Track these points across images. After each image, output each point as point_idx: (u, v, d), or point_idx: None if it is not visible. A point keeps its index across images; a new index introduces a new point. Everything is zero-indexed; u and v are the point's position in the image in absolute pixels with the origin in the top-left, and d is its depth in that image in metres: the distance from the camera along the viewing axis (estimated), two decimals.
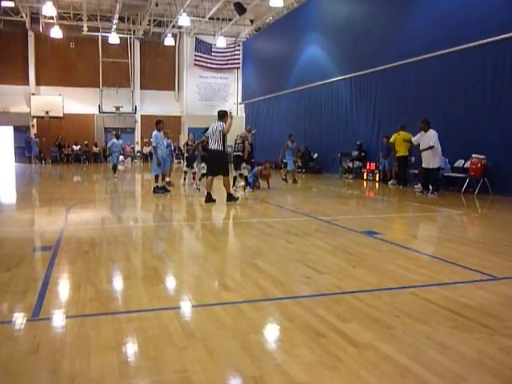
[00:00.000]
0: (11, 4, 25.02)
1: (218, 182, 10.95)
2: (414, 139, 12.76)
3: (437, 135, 12.03)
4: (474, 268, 5.09)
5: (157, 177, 12.51)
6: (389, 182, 15.55)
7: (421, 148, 12.32)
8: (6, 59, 28.79)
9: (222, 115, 10.40)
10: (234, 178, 13.30)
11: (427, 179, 12.44)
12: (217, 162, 10.37)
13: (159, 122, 12.51)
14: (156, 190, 12.27)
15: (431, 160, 12.11)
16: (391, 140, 14.69)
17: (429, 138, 12.09)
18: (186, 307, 3.95)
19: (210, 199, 10.42)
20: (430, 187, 12.39)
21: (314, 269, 5.04)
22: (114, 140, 18.12)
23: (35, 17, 28.19)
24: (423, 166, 12.39)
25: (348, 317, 3.63)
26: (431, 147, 11.96)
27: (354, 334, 3.30)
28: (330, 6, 20.59)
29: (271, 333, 3.45)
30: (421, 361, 2.92)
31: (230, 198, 10.48)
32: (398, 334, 3.33)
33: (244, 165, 13.20)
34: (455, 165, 13.19)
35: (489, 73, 12.53)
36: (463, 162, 12.97)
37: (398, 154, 14.50)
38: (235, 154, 13.25)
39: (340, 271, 5.00)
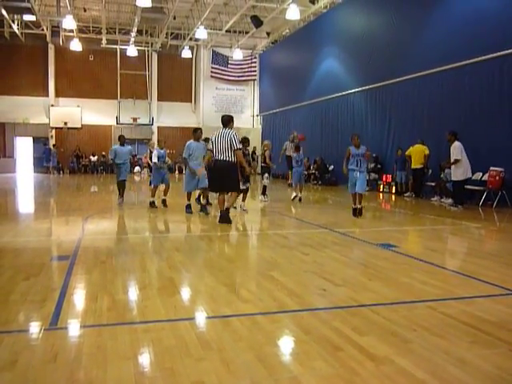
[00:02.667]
0: (33, 17, 25.50)
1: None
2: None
3: (461, 147, 11.95)
4: (493, 282, 5.03)
5: (189, 194, 10.74)
6: (405, 195, 15.47)
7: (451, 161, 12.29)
8: (26, 71, 29.31)
9: (227, 121, 9.16)
10: (264, 187, 13.52)
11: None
12: (226, 176, 9.05)
13: (196, 131, 10.78)
14: (187, 209, 10.63)
15: (454, 172, 12.15)
16: (407, 153, 14.82)
17: (453, 150, 12.07)
18: (202, 318, 3.96)
19: (227, 219, 9.09)
20: (449, 199, 12.31)
21: (330, 281, 5.02)
22: (117, 146, 12.64)
23: (56, 30, 28.67)
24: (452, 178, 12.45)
25: (365, 330, 3.60)
26: (456, 161, 11.90)
27: (370, 347, 3.27)
28: (346, 18, 20.66)
29: (287, 345, 3.43)
30: (439, 376, 2.88)
31: (225, 217, 9.08)
32: (415, 348, 3.29)
33: (266, 175, 13.42)
34: (473, 177, 13.04)
35: (506, 84, 12.43)
36: (481, 174, 12.84)
37: (412, 166, 14.61)
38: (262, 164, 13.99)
39: (356, 284, 4.97)
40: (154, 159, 11.68)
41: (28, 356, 3.12)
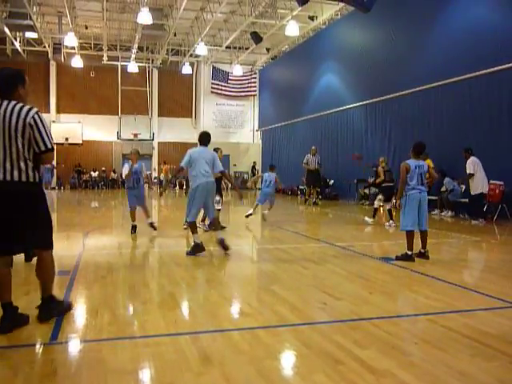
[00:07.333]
0: (34, 35, 25.78)
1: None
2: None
3: (475, 162, 11.99)
4: (494, 295, 5.02)
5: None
6: None
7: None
8: (28, 88, 29.51)
9: (9, 88, 4.12)
10: (375, 209, 12.02)
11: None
12: (15, 215, 4.11)
13: None
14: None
15: (470, 186, 12.19)
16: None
17: (467, 166, 12.16)
18: (203, 332, 3.95)
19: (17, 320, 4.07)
20: (449, 212, 12.30)
21: (330, 295, 5.01)
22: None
23: (57, 47, 28.98)
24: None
25: (365, 343, 3.59)
26: (470, 175, 12.00)
27: (371, 360, 3.26)
28: (345, 34, 20.84)
29: (288, 359, 3.43)
30: None
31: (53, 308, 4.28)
32: (416, 361, 3.29)
33: (380, 196, 11.86)
34: None
35: (505, 98, 12.51)
36: None
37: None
38: (385, 185, 11.76)
39: (357, 297, 4.96)
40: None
41: (28, 370, 3.11)
